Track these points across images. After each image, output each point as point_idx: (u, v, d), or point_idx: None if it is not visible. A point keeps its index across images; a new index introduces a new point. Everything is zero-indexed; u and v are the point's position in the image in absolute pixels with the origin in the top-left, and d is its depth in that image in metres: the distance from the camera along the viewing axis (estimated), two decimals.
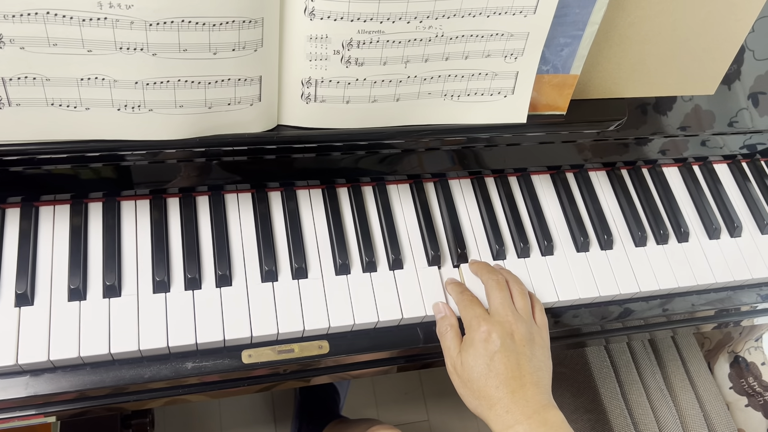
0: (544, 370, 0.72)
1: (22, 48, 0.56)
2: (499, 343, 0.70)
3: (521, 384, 0.69)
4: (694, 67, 0.81)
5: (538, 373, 0.71)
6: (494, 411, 0.69)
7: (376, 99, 0.70)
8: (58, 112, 0.61)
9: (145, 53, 0.59)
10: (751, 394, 1.19)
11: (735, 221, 0.92)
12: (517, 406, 0.68)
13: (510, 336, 0.71)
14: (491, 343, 0.70)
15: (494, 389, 0.69)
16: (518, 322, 0.72)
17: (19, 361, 0.66)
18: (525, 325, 0.73)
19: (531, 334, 0.73)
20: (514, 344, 0.71)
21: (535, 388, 0.69)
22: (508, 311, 0.73)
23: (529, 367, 0.70)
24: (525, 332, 0.72)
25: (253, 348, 0.74)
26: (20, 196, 0.73)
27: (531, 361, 0.71)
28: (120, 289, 0.72)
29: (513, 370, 0.69)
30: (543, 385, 0.71)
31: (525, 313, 0.75)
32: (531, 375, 0.70)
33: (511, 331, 0.71)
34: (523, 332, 0.72)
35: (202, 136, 0.68)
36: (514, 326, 0.72)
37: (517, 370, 0.69)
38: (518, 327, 0.72)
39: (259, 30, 0.61)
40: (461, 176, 0.88)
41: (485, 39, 0.68)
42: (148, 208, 0.77)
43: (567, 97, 0.77)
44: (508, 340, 0.71)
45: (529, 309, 0.76)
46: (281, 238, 0.79)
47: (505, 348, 0.70)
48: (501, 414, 0.68)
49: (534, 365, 0.71)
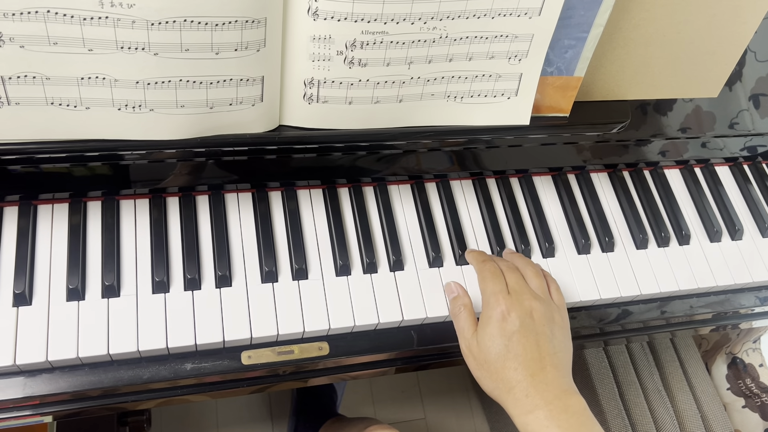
0: (564, 351, 0.69)
1: (22, 47, 0.56)
2: (518, 323, 0.67)
3: (541, 366, 0.66)
4: (698, 70, 0.81)
5: (558, 354, 0.68)
6: (513, 394, 0.66)
7: (379, 100, 0.69)
8: (58, 112, 0.61)
9: (146, 53, 0.58)
10: (749, 395, 1.19)
11: (736, 224, 0.92)
12: (537, 390, 0.65)
13: (529, 315, 0.68)
14: (510, 323, 0.67)
15: (513, 371, 0.66)
16: (537, 301, 0.69)
17: (17, 362, 0.66)
18: (544, 303, 0.70)
19: (551, 313, 0.70)
20: (533, 323, 0.68)
21: (555, 370, 0.66)
22: (525, 289, 0.70)
23: (550, 349, 0.67)
24: (544, 311, 0.69)
25: (253, 349, 0.73)
26: (19, 194, 0.73)
27: (551, 342, 0.68)
28: (119, 289, 0.71)
29: (532, 351, 0.66)
30: (564, 368, 0.68)
31: (542, 292, 0.72)
32: (551, 356, 0.67)
33: (530, 310, 0.68)
34: (542, 311, 0.69)
35: (203, 136, 0.67)
36: (533, 304, 0.69)
37: (537, 351, 0.67)
38: (537, 306, 0.69)
39: (262, 30, 0.60)
40: (462, 177, 0.88)
41: (489, 40, 0.68)
42: (148, 208, 0.76)
43: (570, 99, 0.76)
44: (528, 319, 0.68)
45: (545, 288, 0.73)
46: (281, 238, 0.78)
47: (524, 328, 0.67)
48: (520, 398, 0.65)
49: (554, 346, 0.68)
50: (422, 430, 1.56)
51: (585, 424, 0.65)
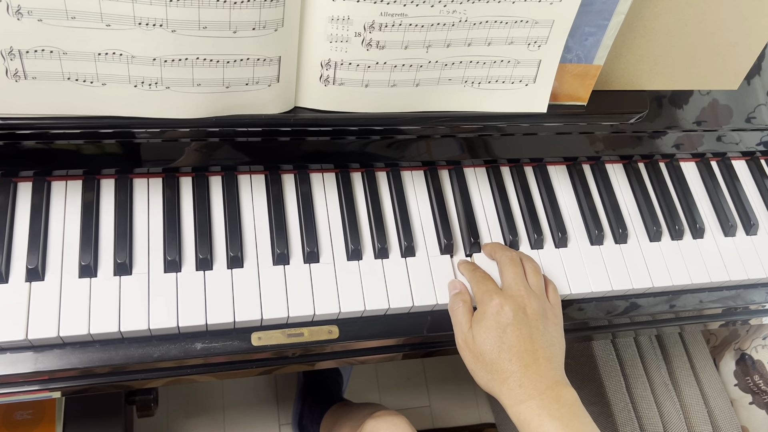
0: (557, 346, 0.71)
1: (40, 20, 0.55)
2: (511, 315, 0.69)
3: (534, 358, 0.68)
4: (719, 62, 0.80)
5: (551, 348, 0.70)
6: (507, 385, 0.68)
7: (396, 83, 0.69)
8: (75, 87, 0.60)
9: (164, 29, 0.58)
10: (756, 392, 1.19)
11: (752, 219, 0.91)
12: (530, 381, 0.67)
13: (522, 310, 0.70)
14: (503, 316, 0.69)
15: (507, 362, 0.68)
16: (531, 297, 0.71)
17: (29, 336, 0.66)
18: (538, 300, 0.72)
19: (544, 310, 0.72)
20: (526, 317, 0.70)
21: (548, 363, 0.68)
22: (521, 285, 0.72)
23: (542, 342, 0.69)
24: (538, 307, 0.71)
25: (263, 330, 0.73)
26: (33, 170, 0.73)
27: (544, 336, 0.70)
28: (131, 268, 0.71)
29: (526, 344, 0.68)
30: (556, 361, 0.70)
31: (538, 289, 0.74)
32: (544, 350, 0.69)
33: (524, 305, 0.71)
34: (535, 307, 0.71)
35: (218, 116, 0.67)
36: (527, 300, 0.71)
37: (530, 343, 0.68)
38: (531, 301, 0.71)
39: (280, 9, 0.60)
40: (476, 164, 0.87)
41: (509, 26, 0.67)
42: (161, 187, 0.76)
43: (589, 88, 0.76)
44: (521, 313, 0.70)
45: (542, 286, 0.75)
46: (293, 221, 0.78)
47: (517, 320, 0.69)
48: (513, 388, 0.67)
49: (547, 340, 0.70)
50: (427, 417, 1.56)
51: (576, 414, 0.66)
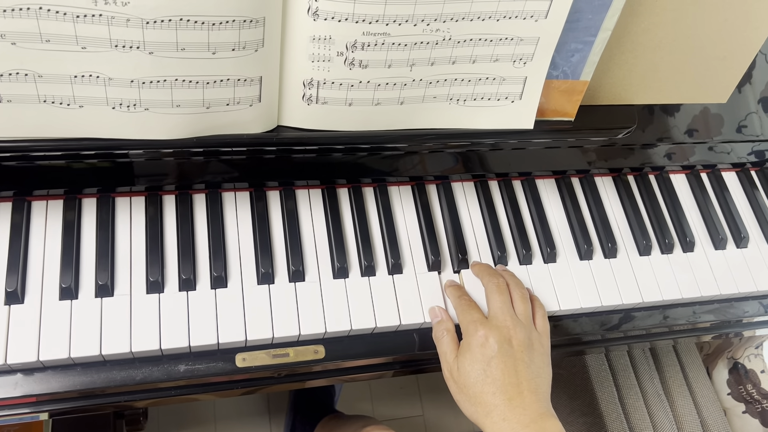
0: (543, 377, 0.71)
1: (13, 44, 0.54)
2: (496, 347, 0.69)
3: (519, 391, 0.68)
4: (708, 75, 0.79)
5: (536, 380, 0.69)
6: (490, 418, 0.67)
7: (380, 102, 0.68)
8: (51, 110, 0.59)
9: (141, 51, 0.57)
10: (749, 401, 1.18)
11: (742, 231, 0.90)
12: (514, 414, 0.67)
13: (508, 341, 0.70)
14: (488, 348, 0.69)
15: (491, 395, 0.68)
16: (517, 327, 0.71)
17: (8, 361, 0.65)
18: (524, 330, 0.71)
19: (530, 340, 0.71)
20: (512, 350, 0.69)
21: (533, 395, 0.68)
22: (507, 316, 0.72)
23: (527, 374, 0.69)
24: (524, 338, 0.71)
25: (248, 351, 0.72)
26: (12, 190, 0.72)
27: (529, 368, 0.69)
28: (113, 289, 0.70)
29: (510, 377, 0.68)
30: (541, 393, 0.69)
31: (525, 318, 0.73)
32: (529, 382, 0.68)
33: (509, 337, 0.70)
34: (521, 338, 0.70)
35: (200, 136, 0.66)
36: (512, 331, 0.70)
37: (515, 376, 0.68)
38: (517, 332, 0.70)
39: (260, 30, 0.59)
40: (464, 179, 0.86)
41: (494, 43, 0.66)
42: (144, 205, 0.75)
43: (576, 104, 0.75)
44: (506, 345, 0.69)
45: (529, 314, 0.74)
46: (279, 239, 0.77)
47: (502, 353, 0.69)
48: (497, 422, 0.67)
49: (532, 372, 0.69)
50: (420, 427, 1.55)
51: None
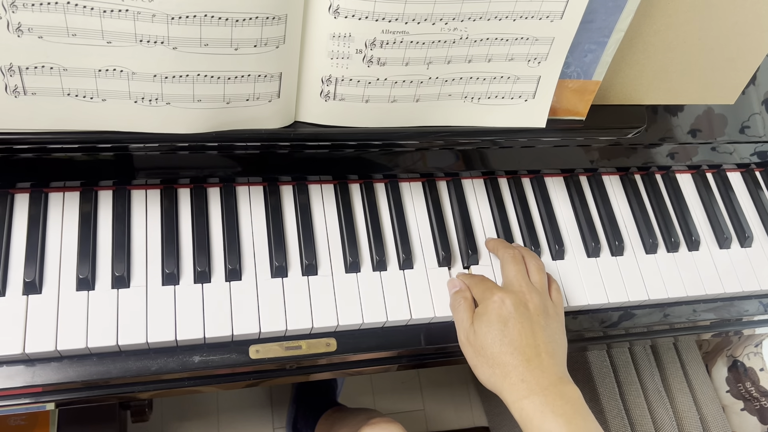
0: (559, 343, 0.70)
1: (40, 37, 0.55)
2: (513, 309, 0.69)
3: (536, 353, 0.67)
4: (717, 77, 0.80)
5: (552, 344, 0.69)
6: (509, 380, 0.67)
7: (396, 99, 0.69)
8: (74, 103, 0.60)
9: (165, 47, 0.57)
10: (748, 398, 1.20)
11: (746, 231, 0.92)
12: (532, 375, 0.66)
13: (524, 304, 0.70)
14: (505, 309, 0.69)
15: (509, 356, 0.67)
16: (532, 293, 0.71)
17: (27, 350, 0.66)
18: (539, 296, 0.71)
19: (545, 306, 0.71)
20: (528, 312, 0.69)
21: (550, 358, 0.68)
22: (523, 282, 0.72)
23: (544, 337, 0.68)
24: (539, 303, 0.71)
25: (261, 343, 0.73)
26: (30, 182, 0.72)
27: (545, 331, 0.69)
28: (129, 281, 0.71)
29: (528, 338, 0.68)
30: (559, 357, 0.69)
31: (540, 286, 0.73)
32: (546, 345, 0.68)
33: (525, 300, 0.70)
34: (537, 302, 0.70)
35: (218, 131, 0.66)
36: (528, 296, 0.71)
37: (532, 338, 0.68)
38: (533, 297, 0.71)
39: (282, 27, 0.59)
40: (474, 176, 0.87)
41: (510, 42, 0.67)
42: (159, 198, 0.76)
43: (587, 103, 0.76)
44: (522, 308, 0.69)
45: (545, 283, 0.75)
46: (292, 233, 0.78)
47: (519, 315, 0.68)
48: (516, 383, 0.66)
49: (548, 335, 0.69)
50: (421, 421, 1.57)
51: (579, 412, 0.65)
